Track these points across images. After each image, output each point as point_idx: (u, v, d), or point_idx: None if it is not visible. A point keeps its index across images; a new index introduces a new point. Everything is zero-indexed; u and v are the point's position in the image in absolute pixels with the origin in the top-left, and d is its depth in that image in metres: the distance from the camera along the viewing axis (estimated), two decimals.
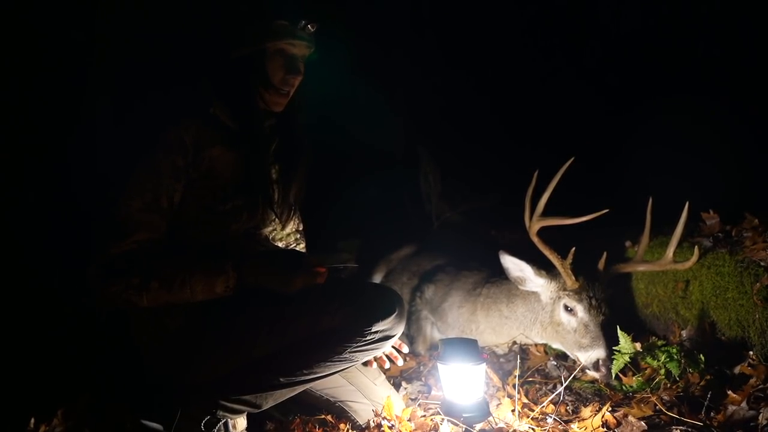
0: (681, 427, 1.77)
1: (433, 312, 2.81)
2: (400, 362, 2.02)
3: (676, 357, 2.11)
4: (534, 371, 2.41)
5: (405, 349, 2.02)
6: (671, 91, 4.14)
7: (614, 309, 2.37)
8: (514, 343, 2.59)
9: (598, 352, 2.25)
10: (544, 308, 2.42)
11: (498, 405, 1.99)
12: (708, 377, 2.02)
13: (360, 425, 1.89)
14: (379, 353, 1.85)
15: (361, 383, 1.94)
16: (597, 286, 2.34)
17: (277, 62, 1.75)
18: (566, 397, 2.12)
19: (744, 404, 1.76)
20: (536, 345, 2.58)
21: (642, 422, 1.78)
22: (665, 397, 1.97)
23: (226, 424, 1.70)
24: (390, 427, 1.79)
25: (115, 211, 1.62)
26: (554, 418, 1.87)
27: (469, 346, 1.88)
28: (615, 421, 1.81)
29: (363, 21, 4.05)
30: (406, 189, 3.98)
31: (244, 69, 1.74)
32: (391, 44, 4.41)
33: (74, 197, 2.25)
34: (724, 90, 3.89)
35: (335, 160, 3.28)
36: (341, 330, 1.67)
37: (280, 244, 1.97)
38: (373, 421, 1.83)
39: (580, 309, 2.31)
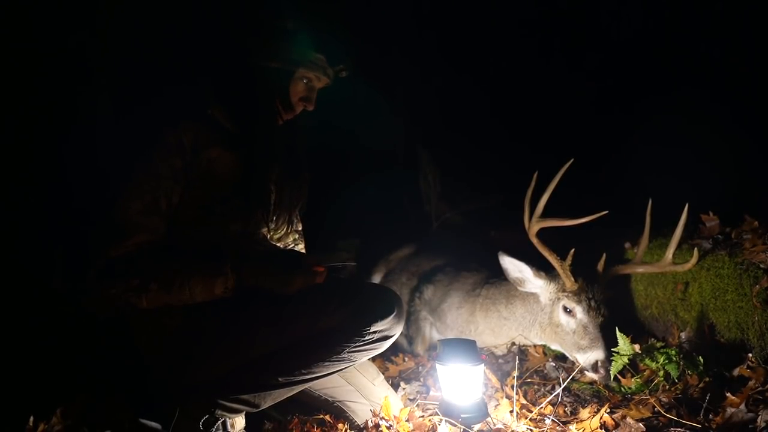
0: (679, 429, 1.77)
1: (432, 312, 2.80)
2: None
3: (674, 359, 2.10)
4: (533, 372, 2.41)
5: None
6: (671, 91, 4.14)
7: (613, 310, 2.37)
8: (513, 344, 2.59)
9: (597, 354, 2.25)
10: (543, 309, 2.42)
11: (496, 406, 1.99)
12: (707, 379, 2.03)
13: (358, 425, 1.89)
14: (377, 353, 1.85)
15: (359, 383, 1.94)
16: (596, 287, 2.34)
17: (299, 86, 1.81)
18: (565, 399, 2.12)
19: (743, 406, 1.76)
20: (535, 346, 2.58)
21: (640, 424, 1.78)
22: (664, 399, 1.98)
23: (224, 424, 1.69)
24: (388, 428, 1.79)
25: (115, 214, 1.62)
26: (552, 419, 1.87)
27: (468, 346, 1.88)
28: (613, 423, 1.81)
29: (363, 20, 4.05)
30: (406, 189, 3.99)
31: (263, 79, 1.76)
32: (391, 44, 4.41)
33: (74, 198, 2.25)
34: (725, 91, 3.89)
35: (335, 160, 3.28)
36: (340, 330, 1.67)
37: (278, 244, 1.96)
38: (372, 422, 1.83)
39: (579, 310, 2.31)
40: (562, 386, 2.08)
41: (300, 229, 2.08)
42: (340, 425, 1.86)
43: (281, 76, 1.78)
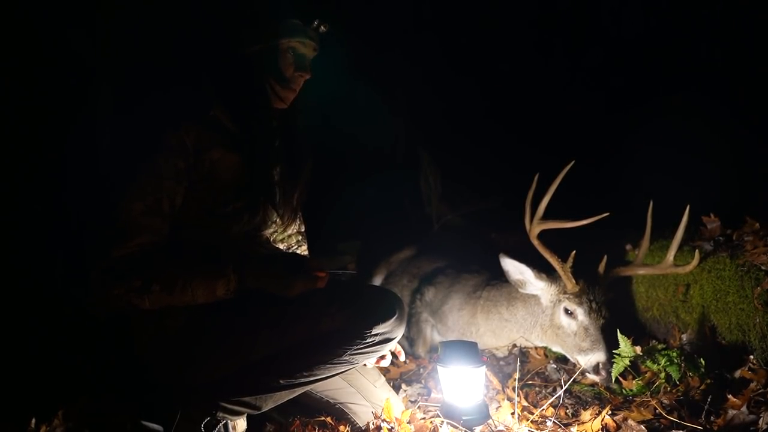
0: None
1: (433, 314, 2.80)
2: (402, 357, 2.02)
3: (676, 361, 2.10)
4: (534, 374, 2.41)
5: (402, 357, 2.02)
6: (672, 92, 4.15)
7: (614, 312, 2.37)
8: (514, 346, 2.59)
9: (598, 356, 2.25)
10: (545, 311, 2.42)
11: (498, 408, 1.99)
12: (708, 381, 2.03)
13: (359, 427, 1.89)
14: (378, 356, 1.85)
15: (361, 385, 1.94)
16: (597, 289, 2.34)
17: (288, 59, 1.80)
18: (566, 401, 2.12)
19: (744, 408, 1.76)
20: (536, 348, 2.58)
21: (642, 426, 1.78)
22: (665, 401, 1.98)
23: (225, 426, 1.69)
24: (389, 430, 1.79)
25: (117, 215, 1.62)
26: (554, 422, 1.87)
27: (469, 348, 1.88)
28: (615, 425, 1.81)
29: (363, 21, 4.05)
30: (406, 191, 3.98)
31: (254, 65, 1.77)
32: (392, 45, 4.41)
33: (76, 198, 2.25)
34: (726, 92, 3.90)
35: (335, 161, 3.28)
36: (341, 332, 1.67)
37: (281, 246, 1.96)
38: (373, 424, 1.83)
39: (580, 312, 2.31)
40: (564, 388, 2.07)
41: (303, 230, 2.08)
42: (341, 427, 1.86)
43: (268, 55, 1.78)
